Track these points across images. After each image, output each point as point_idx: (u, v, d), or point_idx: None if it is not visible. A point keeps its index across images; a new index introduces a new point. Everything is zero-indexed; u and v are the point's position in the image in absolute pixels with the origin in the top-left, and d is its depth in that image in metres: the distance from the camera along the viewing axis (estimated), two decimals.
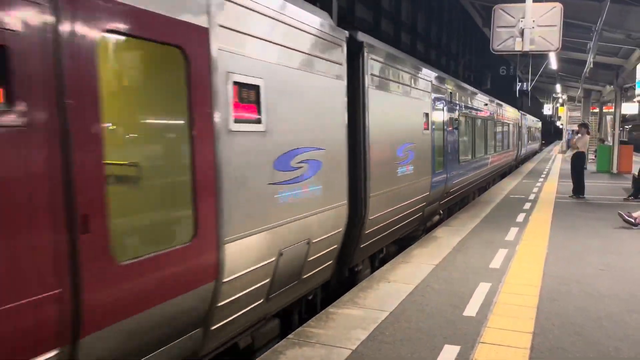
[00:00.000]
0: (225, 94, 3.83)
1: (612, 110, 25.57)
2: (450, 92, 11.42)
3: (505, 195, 14.55)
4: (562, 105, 49.82)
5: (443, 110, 10.70)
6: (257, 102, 4.25)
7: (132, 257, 3.12)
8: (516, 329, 4.84)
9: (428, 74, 9.64)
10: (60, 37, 2.63)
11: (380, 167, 6.88)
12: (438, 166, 10.11)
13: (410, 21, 23.57)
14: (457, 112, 11.94)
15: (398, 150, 7.75)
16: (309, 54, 5.17)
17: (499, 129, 19.03)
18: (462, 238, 8.74)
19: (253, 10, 4.17)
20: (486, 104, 16.41)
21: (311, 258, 5.31)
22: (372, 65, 6.67)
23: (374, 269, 7.58)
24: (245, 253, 4.11)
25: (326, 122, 5.54)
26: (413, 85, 8.63)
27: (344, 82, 5.99)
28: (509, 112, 22.64)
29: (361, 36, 6.48)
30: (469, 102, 13.73)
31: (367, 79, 6.49)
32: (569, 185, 14.75)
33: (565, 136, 42.89)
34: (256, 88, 4.23)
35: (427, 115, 9.32)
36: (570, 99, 42.63)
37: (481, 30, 30.39)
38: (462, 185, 12.69)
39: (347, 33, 6.16)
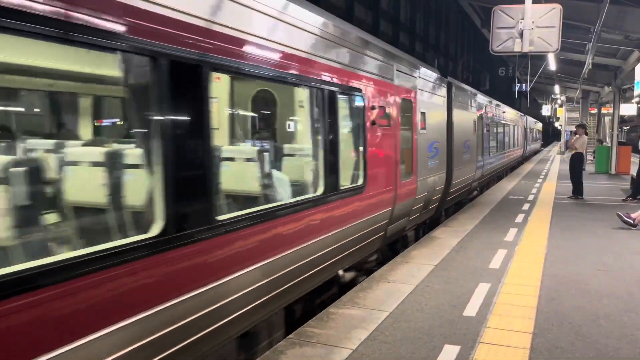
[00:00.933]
0: (418, 117, 8.74)
1: (611, 111, 25.62)
2: (486, 106, 16.41)
3: (504, 196, 14.58)
4: (560, 106, 49.85)
5: (482, 118, 15.51)
6: (424, 120, 9.12)
7: (403, 179, 7.74)
8: (516, 329, 4.87)
9: (477, 96, 15.18)
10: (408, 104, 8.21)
11: (456, 153, 11.79)
12: (479, 156, 14.95)
13: (408, 22, 23.62)
14: (489, 120, 16.97)
15: (463, 145, 12.67)
16: (437, 94, 10.41)
17: (512, 131, 24.25)
18: (461, 239, 8.77)
19: (424, 79, 9.26)
20: (504, 112, 21.44)
21: (433, 198, 10.00)
22: (454, 94, 11.64)
23: (447, 217, 11.84)
24: (421, 187, 8.82)
25: (440, 127, 10.60)
26: (470, 104, 13.93)
27: (445, 105, 11.15)
28: (518, 118, 28.47)
29: (450, 79, 11.62)
30: (495, 112, 18.78)
31: (452, 103, 11.52)
32: (568, 186, 14.78)
33: (563, 137, 42.89)
34: (424, 114, 9.07)
35: (474, 121, 14.25)
36: (569, 100, 42.68)
37: (480, 30, 30.45)
38: (490, 171, 17.86)
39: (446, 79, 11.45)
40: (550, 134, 73.97)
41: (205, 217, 3.54)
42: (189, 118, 3.45)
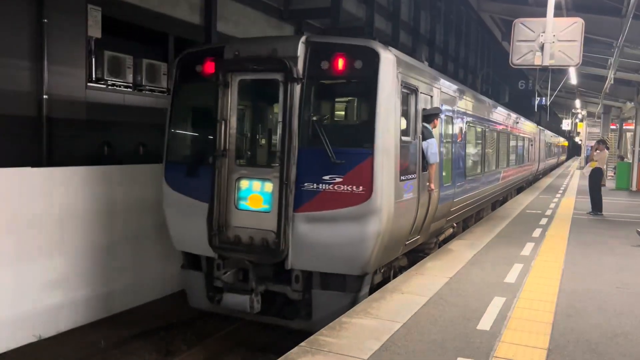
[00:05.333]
0: (536, 140, 26.04)
1: (632, 127, 25.28)
2: (547, 134, 33.90)
3: (521, 210, 14.43)
4: (581, 120, 49.28)
5: (545, 140, 31.05)
6: (536, 141, 25.81)
7: (534, 162, 25.47)
8: (530, 344, 4.81)
9: (546, 131, 32.82)
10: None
11: (540, 156, 27.74)
12: (544, 159, 30.68)
13: (428, 34, 23.62)
14: (548, 142, 33.66)
15: (542, 152, 28.50)
16: (537, 133, 26.11)
17: (554, 147, 41.27)
18: (476, 252, 8.69)
19: (536, 128, 26.64)
20: (552, 136, 38.50)
21: (535, 172, 26.37)
22: (540, 131, 27.51)
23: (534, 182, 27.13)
24: (534, 167, 24.94)
25: (536, 144, 25.70)
26: (543, 134, 29.53)
27: (538, 135, 26.61)
28: (561, 140, 50.13)
29: (539, 126, 28.56)
30: (550, 137, 36.23)
31: (540, 136, 27.75)
32: (587, 201, 14.58)
33: (583, 152, 42.54)
34: (538, 139, 26.39)
35: (545, 142, 30.90)
36: (590, 114, 42.24)
37: (500, 43, 30.32)
38: (548, 166, 34.15)
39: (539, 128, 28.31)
40: (570, 149, 73.33)
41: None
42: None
